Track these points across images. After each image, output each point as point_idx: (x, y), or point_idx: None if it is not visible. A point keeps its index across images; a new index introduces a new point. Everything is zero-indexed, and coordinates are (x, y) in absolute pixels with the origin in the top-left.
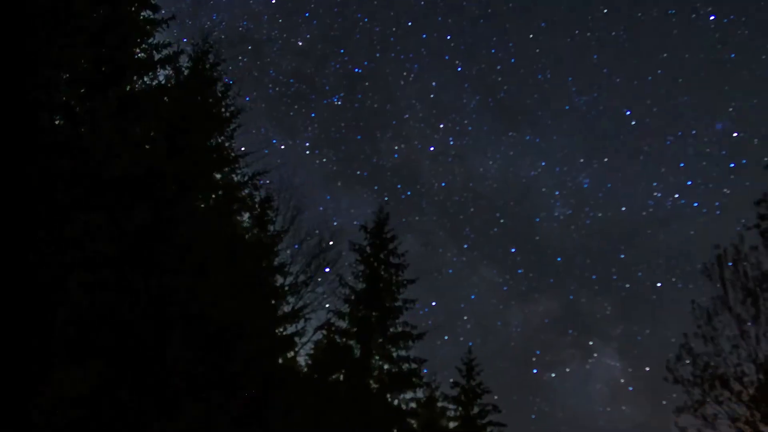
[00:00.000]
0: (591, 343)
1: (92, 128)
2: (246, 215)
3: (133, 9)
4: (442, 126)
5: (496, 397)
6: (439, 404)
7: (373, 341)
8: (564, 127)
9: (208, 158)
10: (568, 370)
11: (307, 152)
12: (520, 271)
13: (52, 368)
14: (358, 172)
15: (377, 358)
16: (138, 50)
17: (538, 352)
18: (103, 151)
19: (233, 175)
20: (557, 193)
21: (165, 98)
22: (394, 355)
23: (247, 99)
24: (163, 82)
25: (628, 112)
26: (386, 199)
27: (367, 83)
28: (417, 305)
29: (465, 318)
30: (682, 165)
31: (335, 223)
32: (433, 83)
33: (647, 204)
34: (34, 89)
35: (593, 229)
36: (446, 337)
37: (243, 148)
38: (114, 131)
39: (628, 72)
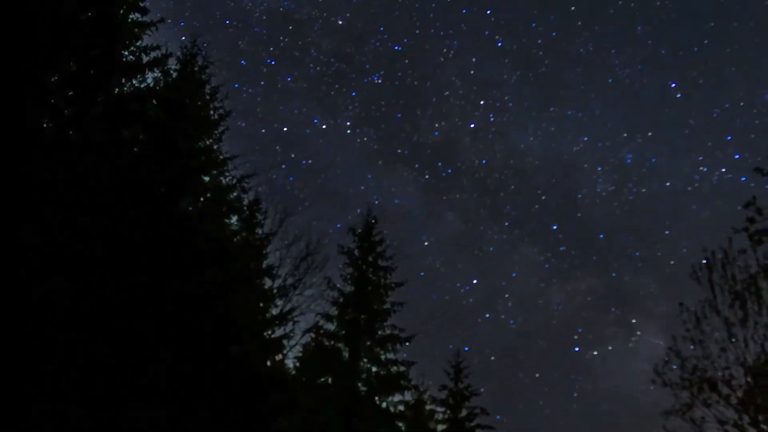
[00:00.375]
0: (634, 321)
1: (81, 130)
2: (234, 218)
3: (121, 12)
4: (482, 102)
5: (537, 375)
6: (428, 407)
7: (361, 344)
8: (607, 101)
9: (197, 161)
10: (610, 348)
11: (348, 131)
12: (561, 248)
13: (49, 370)
14: (399, 151)
15: (365, 360)
16: (126, 52)
17: (580, 330)
18: (91, 154)
19: (221, 178)
20: (600, 168)
21: (153, 101)
22: (383, 357)
23: (288, 79)
24: (151, 84)
25: (674, 84)
26: (427, 177)
27: (406, 61)
28: (407, 306)
29: (506, 296)
30: (729, 138)
31: (376, 202)
32: (473, 59)
33: (693, 179)
34: (25, 91)
35: (636, 205)
36: (487, 315)
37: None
38: (102, 133)
39: (673, 43)
